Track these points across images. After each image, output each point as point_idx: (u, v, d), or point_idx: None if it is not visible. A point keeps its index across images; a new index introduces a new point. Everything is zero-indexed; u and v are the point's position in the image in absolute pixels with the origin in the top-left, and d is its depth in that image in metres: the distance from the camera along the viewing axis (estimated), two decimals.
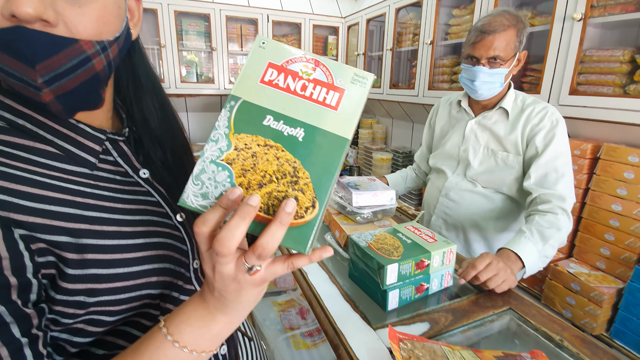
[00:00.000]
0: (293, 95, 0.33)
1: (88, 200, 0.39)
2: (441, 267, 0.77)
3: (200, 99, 3.30)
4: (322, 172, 0.31)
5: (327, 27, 3.43)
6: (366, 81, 0.34)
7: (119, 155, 0.45)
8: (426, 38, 2.23)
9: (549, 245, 0.89)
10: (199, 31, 3.02)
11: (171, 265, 0.45)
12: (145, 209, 0.44)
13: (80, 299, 0.37)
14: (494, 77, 1.02)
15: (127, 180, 0.45)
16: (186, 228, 0.49)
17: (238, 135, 0.32)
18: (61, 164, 0.39)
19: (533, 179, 1.01)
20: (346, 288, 0.81)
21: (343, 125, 0.32)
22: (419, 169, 1.47)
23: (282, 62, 0.34)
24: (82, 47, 0.34)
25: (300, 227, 0.31)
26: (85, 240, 0.37)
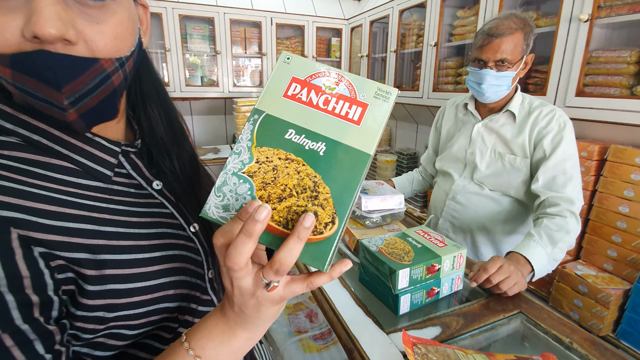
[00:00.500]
0: (315, 109, 0.33)
1: (104, 216, 0.39)
2: (451, 271, 0.77)
3: (204, 102, 3.32)
4: (343, 188, 0.31)
5: (330, 29, 3.44)
6: (389, 96, 0.33)
7: (132, 167, 0.46)
8: (430, 40, 2.23)
9: (557, 249, 0.89)
10: (203, 35, 3.04)
11: (187, 277, 0.46)
12: (160, 222, 0.45)
13: (100, 315, 0.37)
14: (501, 80, 1.03)
15: (141, 192, 0.45)
16: (200, 239, 0.49)
17: (260, 149, 0.32)
18: (77, 179, 0.39)
19: (541, 181, 1.01)
20: (357, 292, 0.82)
21: (365, 141, 0.32)
22: (425, 172, 1.47)
23: (306, 77, 0.34)
24: (102, 66, 0.35)
25: (319, 243, 0.30)
26: (103, 256, 0.37)
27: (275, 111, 0.33)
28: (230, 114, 3.52)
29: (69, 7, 0.32)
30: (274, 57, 3.23)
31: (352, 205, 0.31)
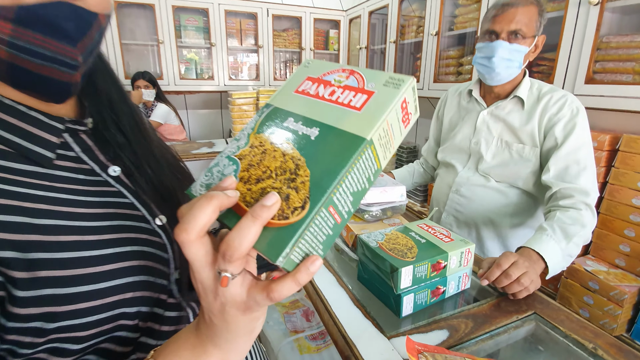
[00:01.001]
0: (319, 99, 0.32)
1: (40, 206, 0.32)
2: (459, 268, 0.71)
3: (199, 96, 3.24)
4: (324, 172, 0.27)
5: (328, 21, 3.36)
6: (401, 82, 0.30)
7: (82, 150, 0.39)
8: (431, 29, 2.16)
9: (572, 244, 0.82)
10: (197, 27, 2.96)
11: (150, 277, 0.39)
12: (116, 213, 0.38)
13: (37, 325, 0.30)
14: (514, 54, 0.95)
15: (92, 179, 0.38)
16: (168, 233, 0.42)
17: (257, 135, 0.31)
18: (9, 163, 0.33)
19: (552, 172, 0.94)
20: (355, 291, 0.75)
21: (362, 125, 0.29)
22: (427, 164, 1.40)
23: (320, 75, 0.34)
24: (100, 21, 0.33)
25: (281, 229, 0.26)
26: (36, 255, 0.31)
27: (283, 104, 0.33)
28: (226, 107, 3.44)
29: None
30: (271, 50, 3.15)
31: (330, 191, 0.27)
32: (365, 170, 0.29)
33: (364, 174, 0.29)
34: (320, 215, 0.26)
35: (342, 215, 0.29)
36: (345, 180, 0.27)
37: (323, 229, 0.27)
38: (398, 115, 0.30)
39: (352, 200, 0.29)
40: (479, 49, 1.02)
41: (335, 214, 0.28)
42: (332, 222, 0.28)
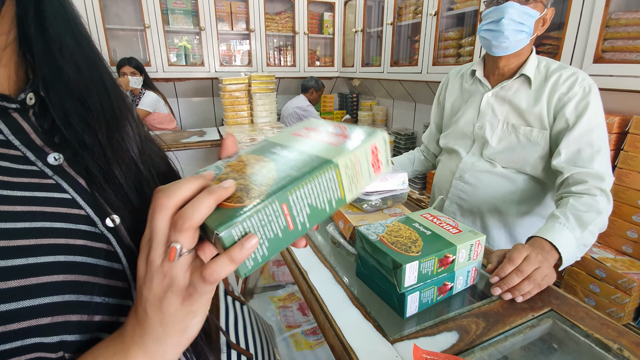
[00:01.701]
0: (304, 137, 0.37)
1: None
2: (467, 262, 0.64)
3: (190, 83, 3.13)
4: (287, 176, 0.30)
5: (322, 3, 3.24)
6: (374, 132, 0.36)
7: (12, 131, 0.31)
8: (430, 9, 2.06)
9: (588, 232, 0.76)
10: (185, 10, 2.83)
11: (83, 296, 0.31)
12: (42, 212, 0.30)
13: None
14: (524, 17, 0.87)
15: (21, 168, 0.31)
16: (122, 237, 0.34)
17: (245, 155, 0.36)
18: None
19: (564, 156, 0.88)
20: (354, 289, 0.69)
21: (332, 153, 0.33)
22: (428, 151, 1.33)
23: (315, 126, 0.40)
24: None
25: (234, 209, 0.28)
26: None
27: (275, 139, 0.39)
28: (217, 95, 3.33)
29: None
30: (263, 34, 3.03)
31: (286, 188, 0.29)
32: (327, 191, 0.32)
33: (325, 194, 0.32)
34: (272, 206, 0.28)
35: (296, 224, 0.30)
36: (303, 186, 0.30)
37: (272, 224, 0.29)
38: (367, 157, 0.34)
39: (309, 213, 0.31)
40: (485, 16, 0.94)
41: (287, 215, 0.30)
42: (283, 222, 0.29)
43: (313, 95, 3.09)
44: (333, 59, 3.37)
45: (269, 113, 2.60)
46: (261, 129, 2.38)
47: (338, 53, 3.35)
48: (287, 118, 3.02)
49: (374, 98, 3.41)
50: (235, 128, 2.47)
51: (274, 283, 1.56)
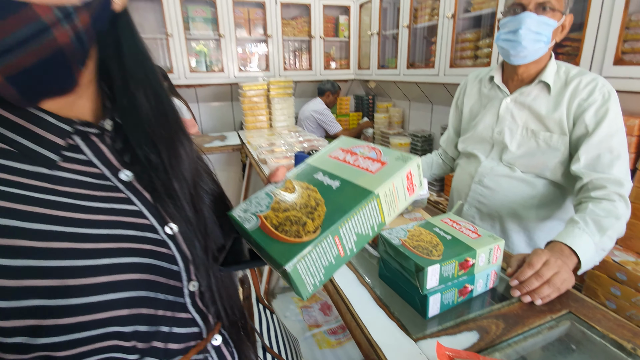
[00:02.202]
0: (344, 163, 0.42)
1: (38, 209, 0.31)
2: (487, 265, 0.67)
3: (210, 88, 3.22)
4: (336, 210, 0.35)
5: (337, 7, 3.28)
6: (408, 159, 0.39)
7: (93, 153, 0.37)
8: (447, 11, 2.07)
9: (607, 237, 0.78)
10: (205, 18, 2.92)
11: (151, 292, 0.37)
12: (118, 221, 0.36)
13: (21, 341, 0.29)
14: (542, 27, 0.89)
15: (100, 183, 0.36)
16: (178, 242, 0.40)
17: (293, 181, 0.42)
18: (11, 162, 0.31)
19: (583, 161, 0.89)
20: (377, 290, 0.73)
21: (373, 183, 0.37)
22: (446, 155, 1.35)
23: (349, 147, 0.45)
24: (35, 12, 0.26)
25: (294, 244, 0.33)
26: (26, 262, 0.29)
27: (316, 163, 0.44)
28: (236, 100, 3.42)
29: None
30: (280, 39, 3.10)
31: (338, 223, 0.34)
32: (370, 219, 0.36)
33: (368, 222, 0.36)
34: (327, 240, 0.33)
35: (345, 251, 0.35)
36: (351, 219, 0.34)
37: (327, 254, 0.34)
38: (403, 182, 0.38)
39: (356, 240, 0.35)
40: (503, 25, 0.96)
41: (339, 245, 0.34)
42: (335, 251, 0.34)
43: (330, 98, 3.13)
44: (349, 61, 3.41)
45: (287, 117, 2.66)
46: (280, 133, 2.44)
47: (354, 56, 3.38)
48: (304, 121, 3.07)
49: (390, 100, 3.42)
50: (255, 132, 2.54)
51: None
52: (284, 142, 2.11)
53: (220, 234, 0.48)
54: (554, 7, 0.87)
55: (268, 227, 0.36)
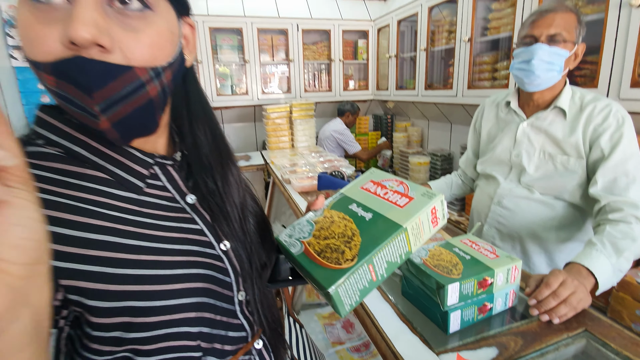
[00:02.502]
0: (376, 196, 0.47)
1: (129, 228, 0.38)
2: (505, 285, 0.71)
3: (234, 110, 3.39)
4: (371, 241, 0.40)
5: (356, 32, 3.41)
6: (433, 196, 0.44)
7: (167, 180, 0.45)
8: (463, 35, 2.14)
9: (623, 259, 0.80)
10: (232, 45, 3.11)
11: (211, 299, 0.44)
12: (186, 238, 0.43)
13: (117, 335, 0.36)
14: (554, 57, 0.94)
15: (172, 205, 0.44)
16: (230, 257, 0.47)
17: (330, 210, 0.48)
18: (109, 189, 0.39)
19: (600, 184, 0.92)
20: (400, 306, 0.78)
21: (401, 217, 0.42)
22: (465, 175, 1.40)
23: (380, 180, 0.50)
24: (136, 73, 0.35)
25: (336, 270, 0.39)
26: (122, 270, 0.36)
27: (350, 194, 0.50)
28: (259, 120, 3.56)
29: (107, 16, 0.33)
30: (301, 63, 3.24)
31: (372, 254, 0.39)
32: (399, 249, 0.41)
33: (397, 251, 0.41)
34: (362, 268, 0.39)
35: (377, 276, 0.41)
36: (383, 249, 0.40)
37: (362, 279, 0.39)
38: (428, 217, 0.43)
39: (386, 267, 0.41)
40: (516, 55, 1.02)
41: (372, 272, 0.40)
42: (369, 277, 0.40)
43: (349, 119, 3.23)
44: (367, 82, 3.51)
45: (308, 137, 2.76)
46: (301, 153, 2.54)
47: (372, 77, 3.48)
48: (324, 141, 3.17)
49: (408, 119, 3.48)
50: (278, 152, 2.65)
51: (318, 301, 1.66)
52: (305, 162, 2.19)
53: (262, 251, 0.55)
54: (565, 39, 0.93)
55: (312, 253, 0.42)
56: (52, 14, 0.31)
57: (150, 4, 0.35)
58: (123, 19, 0.34)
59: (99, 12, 0.32)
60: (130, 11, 0.34)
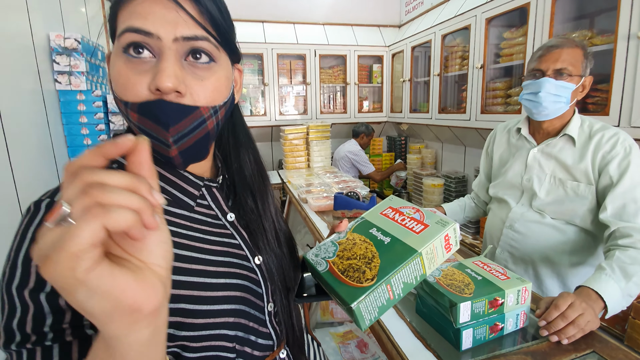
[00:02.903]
0: (394, 222, 0.51)
1: (183, 241, 0.45)
2: (516, 306, 0.75)
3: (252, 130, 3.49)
4: (389, 263, 0.45)
5: (371, 57, 3.53)
6: (447, 224, 0.47)
7: (211, 199, 0.52)
8: (476, 62, 2.21)
9: (632, 283, 0.83)
10: (252, 69, 3.27)
11: (246, 307, 0.49)
12: (227, 251, 0.50)
13: (170, 332, 0.42)
14: (560, 90, 1.00)
15: (216, 222, 0.51)
16: (262, 271, 0.53)
17: (352, 233, 0.53)
18: (167, 207, 0.46)
19: (610, 210, 0.95)
20: (414, 324, 0.81)
21: (417, 242, 0.46)
22: (478, 198, 1.43)
23: (398, 206, 0.54)
24: (201, 112, 0.43)
25: (358, 288, 0.44)
26: (178, 277, 0.43)
27: (370, 219, 0.54)
28: (276, 140, 3.68)
29: (183, 68, 0.41)
30: (318, 86, 3.37)
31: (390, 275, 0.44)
32: (414, 271, 0.45)
33: (412, 273, 0.45)
34: (381, 287, 0.43)
35: (394, 295, 0.45)
36: (400, 272, 0.44)
37: (381, 298, 0.44)
38: (442, 243, 0.46)
39: (402, 287, 0.45)
40: (525, 87, 1.07)
41: (390, 291, 0.44)
42: (387, 295, 0.44)
43: (364, 140, 3.30)
44: (382, 104, 3.60)
45: (323, 158, 2.84)
46: (317, 173, 2.61)
47: (386, 100, 3.57)
48: (339, 161, 3.24)
49: (422, 141, 3.53)
50: (294, 172, 2.73)
51: (332, 319, 1.68)
52: (321, 182, 2.26)
53: (291, 267, 0.61)
54: (571, 73, 0.98)
55: (336, 272, 0.47)
56: (142, 66, 0.40)
57: (215, 57, 0.44)
58: (194, 70, 0.42)
59: (178, 66, 0.40)
60: (200, 64, 0.42)
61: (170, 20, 0.40)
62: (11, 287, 0.37)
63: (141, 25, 0.39)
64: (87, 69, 1.65)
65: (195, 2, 0.41)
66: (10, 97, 1.29)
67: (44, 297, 0.36)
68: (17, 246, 0.38)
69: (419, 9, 3.30)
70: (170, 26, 0.40)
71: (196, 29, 0.41)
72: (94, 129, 1.70)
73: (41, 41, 1.54)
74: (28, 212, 0.40)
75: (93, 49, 1.80)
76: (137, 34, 0.39)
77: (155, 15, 0.39)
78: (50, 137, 1.56)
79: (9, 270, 0.37)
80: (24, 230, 0.39)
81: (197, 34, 0.41)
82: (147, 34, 0.39)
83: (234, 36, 0.48)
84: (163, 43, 0.40)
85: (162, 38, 0.39)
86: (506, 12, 1.94)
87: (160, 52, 0.40)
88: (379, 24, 3.63)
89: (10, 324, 0.36)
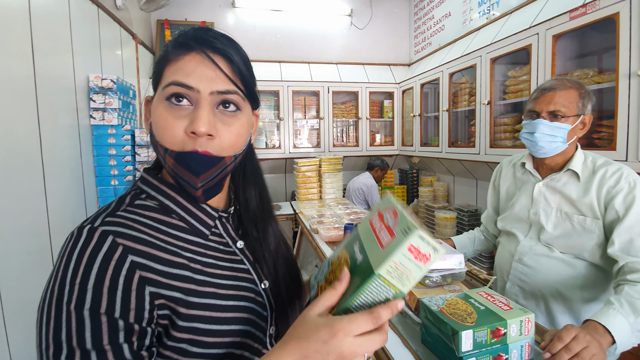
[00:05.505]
0: (373, 232, 0.45)
1: (198, 266, 0.50)
2: (519, 337, 0.75)
3: (267, 162, 3.63)
4: (351, 288, 0.43)
5: (382, 93, 3.67)
6: (409, 233, 0.39)
7: (223, 229, 0.57)
8: (483, 99, 2.28)
9: None
10: (269, 105, 3.44)
11: (252, 328, 0.53)
12: (237, 275, 0.54)
13: (184, 347, 0.46)
14: (555, 130, 1.04)
15: (227, 249, 0.56)
16: (268, 295, 0.57)
17: (342, 249, 0.51)
18: (185, 235, 0.52)
19: (617, 245, 0.96)
20: (420, 353, 0.82)
21: (377, 261, 0.40)
22: (487, 231, 1.44)
23: (384, 209, 0.46)
24: (225, 162, 0.51)
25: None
26: (192, 299, 0.47)
27: (360, 229, 0.49)
28: (290, 172, 3.77)
29: (214, 115, 0.49)
30: (331, 120, 3.49)
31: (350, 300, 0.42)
32: (381, 293, 0.40)
33: (379, 295, 0.41)
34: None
35: None
36: (358, 298, 0.41)
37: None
38: (407, 256, 0.38)
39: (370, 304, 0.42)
40: (524, 126, 1.12)
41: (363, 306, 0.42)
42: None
43: (378, 173, 3.36)
44: (393, 138, 3.69)
45: (335, 190, 2.90)
46: (328, 205, 2.65)
47: (397, 133, 3.66)
48: (352, 192, 3.29)
49: (434, 174, 3.56)
50: (306, 203, 2.78)
51: None
52: (332, 214, 2.30)
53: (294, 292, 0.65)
54: (564, 114, 1.03)
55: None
56: (181, 112, 0.48)
57: (241, 106, 0.52)
58: (222, 116, 0.50)
59: (211, 114, 0.48)
60: (228, 112, 0.50)
61: (209, 77, 0.48)
62: (62, 304, 0.41)
63: (186, 80, 0.47)
64: (120, 106, 1.80)
65: (229, 62, 0.50)
66: (51, 133, 1.42)
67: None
68: (65, 266, 0.43)
69: (427, 49, 3.46)
70: (208, 82, 0.48)
71: (228, 85, 0.50)
72: (121, 160, 1.82)
73: (81, 82, 1.70)
74: (72, 237, 0.45)
75: (127, 88, 1.97)
76: (181, 87, 0.47)
77: (196, 73, 0.48)
78: (81, 167, 1.68)
79: (57, 289, 0.42)
80: (69, 253, 0.44)
81: (229, 88, 0.49)
82: (189, 87, 0.47)
83: (256, 87, 0.56)
84: (201, 95, 0.48)
85: (201, 91, 0.48)
86: (509, 52, 2.03)
87: (198, 102, 0.48)
88: (389, 62, 3.81)
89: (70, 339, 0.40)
